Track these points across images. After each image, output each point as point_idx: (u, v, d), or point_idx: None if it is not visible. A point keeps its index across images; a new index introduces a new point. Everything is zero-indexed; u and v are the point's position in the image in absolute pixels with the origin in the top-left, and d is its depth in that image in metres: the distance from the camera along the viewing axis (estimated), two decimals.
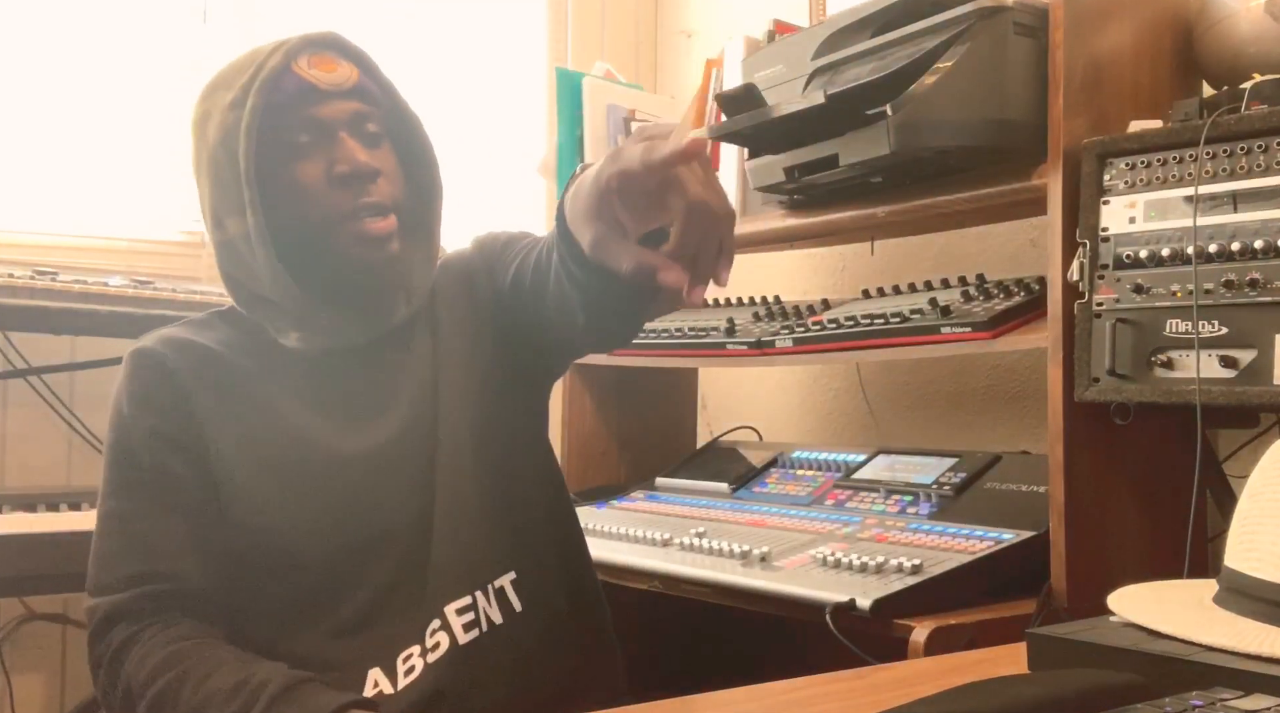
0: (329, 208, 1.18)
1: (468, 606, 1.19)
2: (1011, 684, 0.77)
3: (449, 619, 1.18)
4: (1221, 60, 1.53)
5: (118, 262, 2.28)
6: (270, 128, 1.17)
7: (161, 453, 1.19)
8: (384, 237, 1.20)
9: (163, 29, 2.38)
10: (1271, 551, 0.84)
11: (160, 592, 1.15)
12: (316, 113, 1.19)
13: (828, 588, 1.42)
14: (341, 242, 1.19)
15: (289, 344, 1.23)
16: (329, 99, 1.19)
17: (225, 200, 1.19)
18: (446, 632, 1.17)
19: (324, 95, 1.19)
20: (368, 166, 1.19)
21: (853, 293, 2.14)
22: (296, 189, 1.18)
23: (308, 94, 1.18)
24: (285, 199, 1.18)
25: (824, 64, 1.71)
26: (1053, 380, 1.44)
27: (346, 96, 1.20)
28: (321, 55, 1.21)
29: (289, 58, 1.18)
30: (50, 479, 2.26)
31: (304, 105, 1.18)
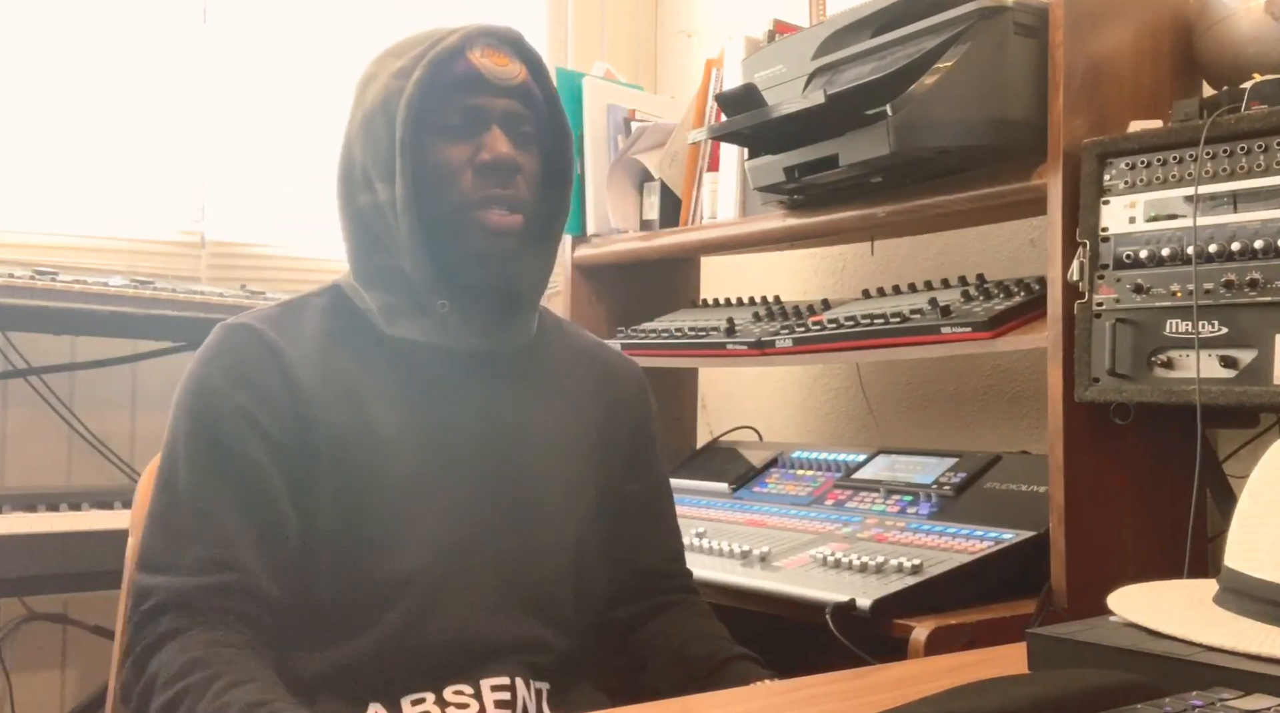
0: (464, 191, 1.19)
1: (506, 686, 1.16)
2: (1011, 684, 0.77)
3: (481, 690, 1.14)
4: (1221, 60, 1.53)
5: (118, 262, 2.28)
6: (429, 104, 1.18)
7: (249, 438, 1.13)
8: (507, 231, 1.20)
9: (163, 29, 2.38)
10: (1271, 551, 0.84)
11: (227, 584, 1.09)
12: (476, 101, 1.19)
13: (828, 588, 1.42)
14: (467, 227, 1.19)
15: (395, 333, 1.20)
16: (492, 91, 1.20)
17: (378, 163, 1.19)
18: (476, 700, 1.14)
19: (488, 86, 1.20)
20: (511, 160, 1.19)
21: (853, 293, 2.14)
22: (439, 167, 1.19)
23: (473, 81, 1.19)
24: (428, 175, 1.19)
25: (824, 64, 1.70)
26: (1053, 380, 1.44)
27: (509, 93, 1.21)
28: (497, 48, 1.21)
29: (465, 42, 1.19)
30: (50, 479, 2.26)
31: (467, 91, 1.19)
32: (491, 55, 1.21)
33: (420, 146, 1.19)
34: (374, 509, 1.15)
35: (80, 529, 1.79)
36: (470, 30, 1.20)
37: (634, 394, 1.37)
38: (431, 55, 1.18)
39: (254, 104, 2.47)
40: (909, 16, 1.58)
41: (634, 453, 1.35)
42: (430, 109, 1.18)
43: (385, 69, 1.21)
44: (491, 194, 1.19)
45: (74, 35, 2.29)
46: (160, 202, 2.38)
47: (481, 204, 1.19)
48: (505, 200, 1.19)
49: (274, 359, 1.16)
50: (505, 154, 1.19)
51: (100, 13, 2.32)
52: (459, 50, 1.19)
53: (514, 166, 1.20)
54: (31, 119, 2.25)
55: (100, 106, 2.31)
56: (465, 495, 1.19)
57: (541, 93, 1.25)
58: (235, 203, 2.45)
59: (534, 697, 1.17)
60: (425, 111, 1.18)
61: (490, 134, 1.19)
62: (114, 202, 2.32)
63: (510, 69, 1.21)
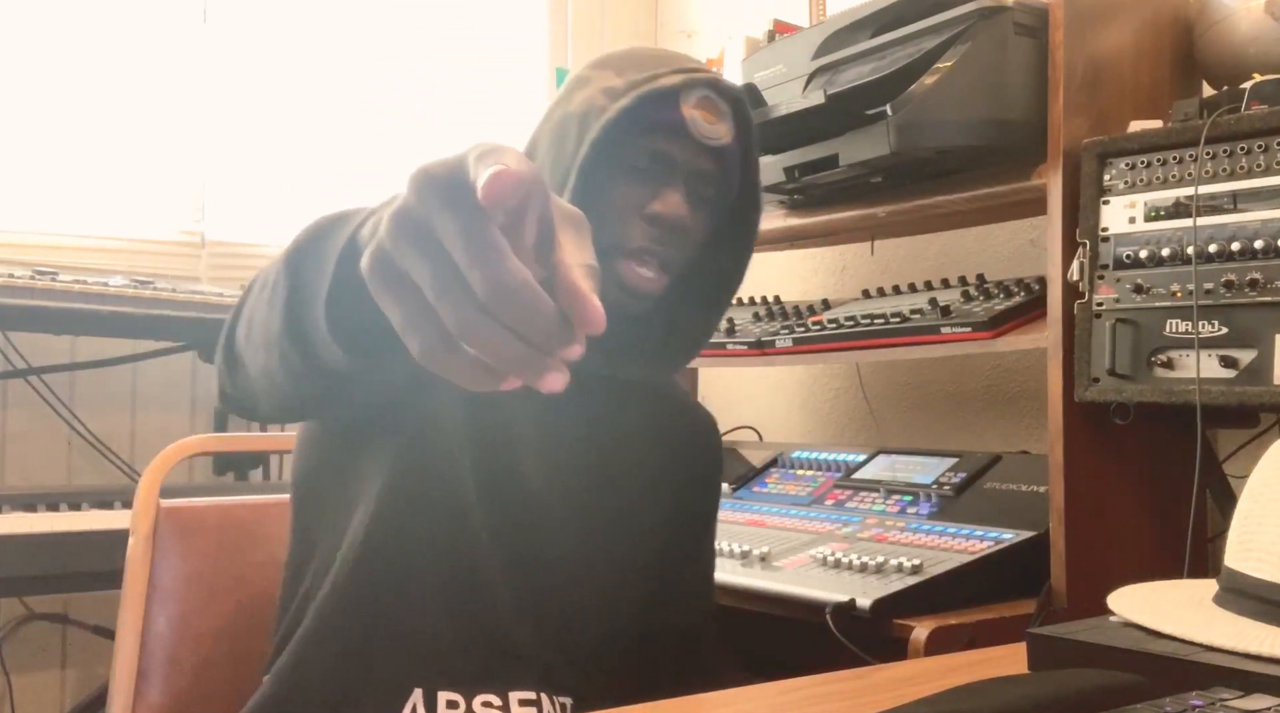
0: (621, 234, 1.13)
1: (533, 700, 1.14)
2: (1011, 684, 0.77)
3: (509, 702, 1.13)
4: (1221, 60, 1.53)
5: (118, 262, 2.28)
6: (624, 136, 1.12)
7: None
8: (646, 291, 1.14)
9: (163, 29, 2.38)
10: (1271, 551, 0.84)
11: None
12: (670, 149, 1.14)
13: (828, 588, 1.42)
14: (611, 270, 1.13)
15: None
16: (690, 146, 1.14)
17: (556, 166, 1.14)
18: (504, 711, 1.12)
19: (689, 141, 1.14)
20: (679, 219, 1.14)
21: (853, 293, 2.14)
22: (608, 201, 1.13)
23: (678, 131, 1.13)
24: (594, 204, 1.10)
25: (824, 64, 1.71)
26: (1053, 380, 1.44)
27: (706, 152, 1.15)
28: (712, 105, 1.15)
29: (685, 88, 1.13)
30: (50, 479, 2.26)
31: (664, 137, 1.14)
32: (705, 110, 1.14)
33: (597, 174, 1.12)
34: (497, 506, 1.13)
35: (80, 529, 1.79)
36: (694, 78, 1.14)
37: (712, 464, 1.34)
38: (648, 89, 1.12)
39: (254, 104, 2.48)
40: (909, 16, 1.59)
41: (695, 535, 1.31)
42: (622, 141, 1.12)
43: (599, 81, 1.15)
44: (647, 247, 1.13)
45: (74, 35, 2.29)
46: (160, 202, 2.38)
47: (633, 254, 1.13)
48: (658, 257, 1.14)
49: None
50: (681, 215, 1.14)
51: (100, 13, 2.32)
52: (674, 94, 1.13)
53: (684, 227, 1.15)
54: (32, 119, 2.25)
55: (100, 106, 2.31)
56: (569, 515, 1.18)
57: (741, 158, 1.19)
58: (235, 203, 2.45)
59: (559, 710, 1.17)
60: (616, 142, 1.12)
61: (673, 188, 1.14)
62: (114, 202, 2.33)
63: (718, 129, 1.15)
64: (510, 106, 2.85)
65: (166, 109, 2.38)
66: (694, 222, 1.16)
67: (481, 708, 1.12)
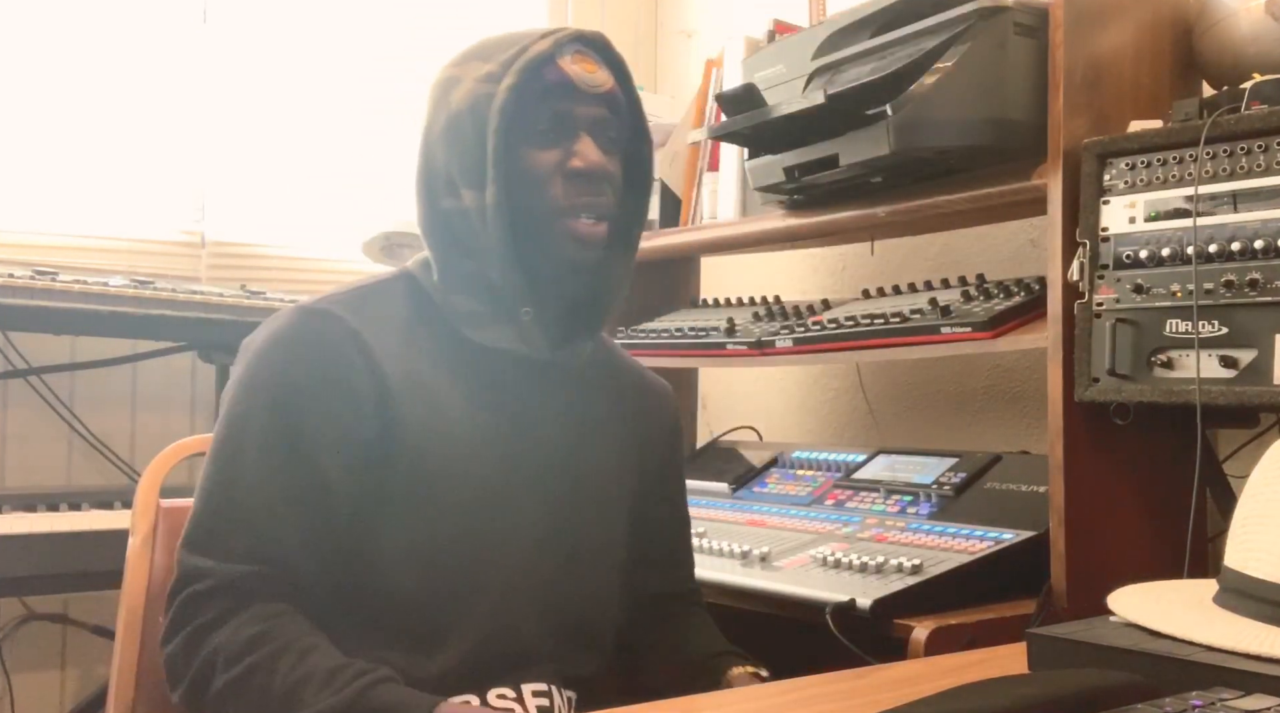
0: (553, 199, 1.18)
1: (545, 692, 1.17)
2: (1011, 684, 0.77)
3: (523, 694, 1.16)
4: (1221, 60, 1.53)
5: (118, 262, 2.28)
6: (520, 110, 1.17)
7: (330, 444, 1.11)
8: (595, 241, 1.19)
9: (163, 29, 2.38)
10: (1271, 551, 0.84)
11: (274, 576, 1.08)
12: (566, 107, 1.18)
13: (828, 588, 1.42)
14: (555, 235, 1.18)
15: (477, 339, 1.20)
16: (582, 99, 1.19)
17: (465, 169, 1.17)
18: (519, 703, 1.15)
19: (578, 93, 1.19)
20: (602, 168, 1.19)
21: (853, 293, 2.14)
22: (529, 174, 1.18)
23: (564, 89, 1.18)
24: (517, 182, 1.17)
25: (824, 64, 1.71)
26: (1053, 380, 1.44)
27: (597, 101, 1.20)
28: (586, 55, 1.21)
29: (557, 48, 1.18)
30: (50, 479, 2.26)
31: (557, 98, 1.18)
32: (581, 62, 1.20)
33: (511, 153, 1.17)
34: (439, 509, 1.14)
35: (80, 529, 1.79)
36: (561, 37, 1.20)
37: (671, 424, 1.40)
38: (523, 62, 1.17)
39: (254, 104, 2.48)
40: (909, 16, 1.58)
41: (664, 480, 1.37)
42: (521, 115, 1.17)
43: (470, 73, 1.19)
44: (581, 202, 1.18)
45: (74, 35, 2.29)
46: (160, 202, 2.38)
47: (571, 212, 1.18)
48: (593, 208, 1.19)
49: (360, 353, 1.12)
50: (597, 162, 1.18)
51: (100, 13, 2.32)
52: (550, 57, 1.18)
53: (604, 174, 1.19)
54: (32, 119, 2.25)
55: (100, 107, 2.32)
56: (526, 506, 1.19)
57: (626, 99, 1.25)
58: (235, 203, 2.45)
59: (566, 703, 1.19)
60: (516, 118, 1.17)
61: (580, 141, 1.19)
62: (114, 202, 2.33)
63: (599, 76, 1.21)
64: None
65: (166, 109, 2.38)
66: (611, 166, 1.21)
67: (496, 701, 1.14)
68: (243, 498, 1.10)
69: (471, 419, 1.18)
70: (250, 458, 1.10)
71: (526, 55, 1.17)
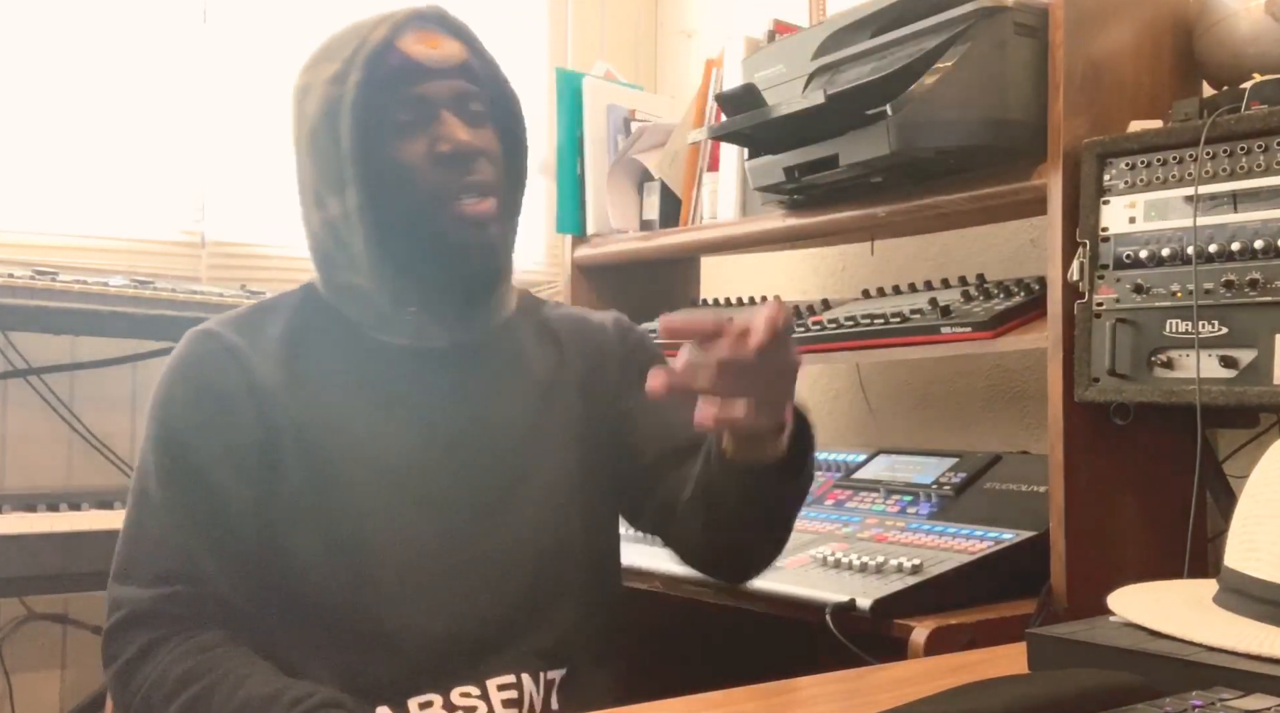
0: (430, 187, 1.15)
1: (512, 683, 1.14)
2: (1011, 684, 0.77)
3: (488, 690, 1.13)
4: (1221, 60, 1.53)
5: (118, 262, 2.27)
6: (373, 105, 1.14)
7: (213, 454, 1.12)
8: (484, 219, 1.16)
9: (163, 29, 2.38)
10: (1271, 551, 0.84)
11: (188, 595, 1.10)
12: (420, 90, 1.15)
13: (828, 588, 1.42)
14: (441, 223, 1.15)
15: (367, 335, 1.19)
16: (433, 77, 1.16)
17: (327, 178, 1.15)
18: (484, 701, 1.12)
19: (428, 73, 1.15)
20: (471, 146, 1.16)
21: (853, 293, 2.14)
22: (397, 168, 1.15)
23: (412, 71, 1.15)
24: (386, 178, 1.15)
25: (824, 64, 1.70)
26: (1053, 380, 1.44)
27: (451, 74, 1.17)
28: (427, 31, 1.17)
29: (394, 32, 1.15)
30: (50, 479, 2.26)
31: (407, 83, 1.15)
32: (424, 39, 1.16)
33: (372, 150, 1.14)
34: (345, 508, 1.13)
35: (80, 529, 1.79)
36: (396, 18, 1.16)
37: (614, 336, 1.34)
38: (364, 55, 1.14)
39: (254, 104, 2.47)
40: (909, 16, 1.58)
41: (624, 384, 1.29)
42: (374, 110, 1.14)
43: (318, 77, 1.17)
44: (460, 184, 1.15)
45: (74, 35, 2.29)
46: (160, 202, 2.38)
47: (452, 196, 1.15)
48: (475, 187, 1.16)
49: (235, 362, 1.15)
50: (464, 141, 1.15)
51: (100, 13, 2.32)
52: (389, 43, 1.14)
53: (475, 151, 1.16)
54: (32, 119, 2.25)
55: (100, 106, 2.31)
56: (439, 492, 1.16)
57: (482, 65, 1.21)
58: (235, 203, 2.45)
59: (543, 689, 1.16)
60: (370, 114, 1.14)
61: (442, 122, 1.15)
62: (114, 202, 2.32)
63: (446, 49, 1.17)
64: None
65: (166, 109, 2.38)
66: (482, 138, 1.18)
67: (460, 699, 1.12)
68: (150, 523, 1.12)
69: (369, 418, 1.16)
70: (152, 484, 1.13)
71: (366, 47, 1.14)
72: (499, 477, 1.20)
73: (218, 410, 1.14)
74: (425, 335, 1.19)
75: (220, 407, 1.14)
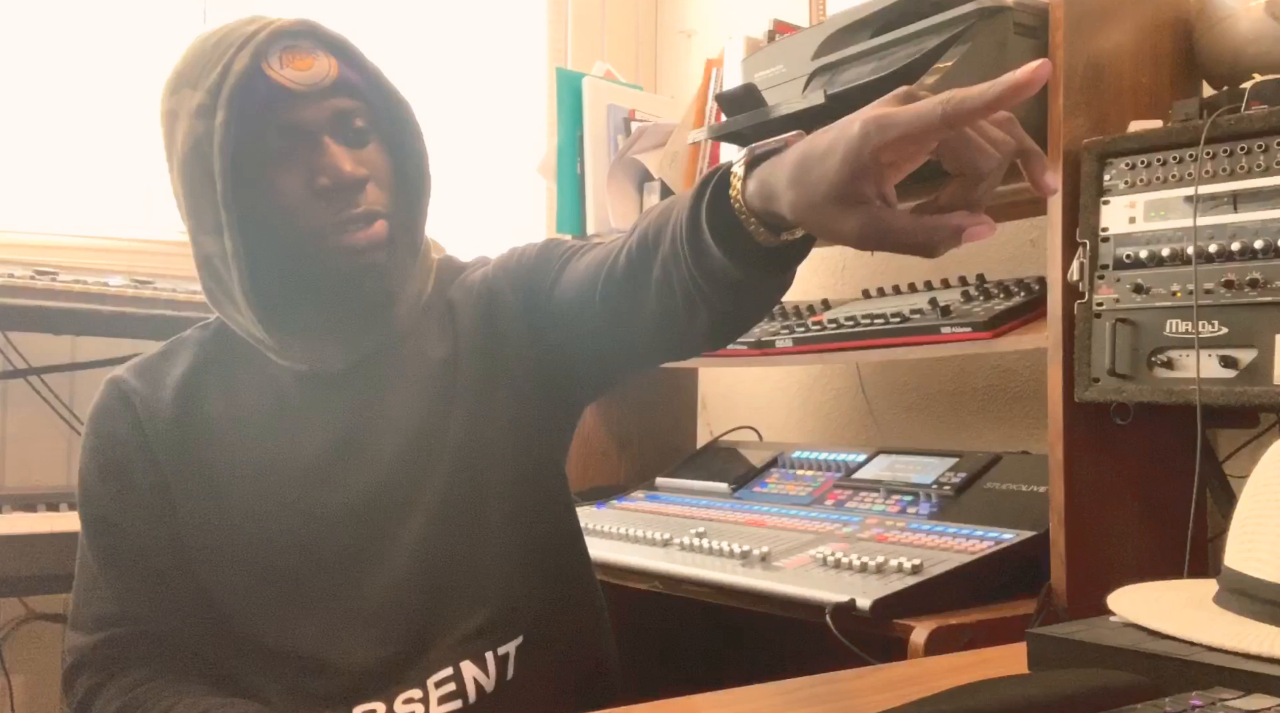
0: (311, 222, 1.08)
1: (450, 677, 1.11)
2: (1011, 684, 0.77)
3: (429, 691, 1.10)
4: (1221, 60, 1.53)
5: (118, 262, 2.28)
6: (244, 140, 1.06)
7: (117, 499, 1.15)
8: (372, 246, 1.09)
9: (163, 29, 2.38)
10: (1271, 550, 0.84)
11: (125, 636, 1.12)
12: (293, 117, 1.07)
13: (828, 588, 1.42)
14: (326, 256, 1.08)
15: (268, 363, 1.16)
16: (306, 100, 1.07)
17: (200, 217, 1.08)
18: (423, 703, 1.10)
19: (300, 98, 1.07)
20: (352, 177, 1.07)
21: (853, 293, 2.14)
22: (276, 203, 1.07)
23: (281, 99, 1.06)
24: (264, 214, 1.07)
25: (824, 64, 1.70)
26: (1053, 380, 1.44)
27: (326, 94, 1.08)
28: (294, 51, 1.07)
29: (258, 58, 1.05)
30: (50, 479, 2.26)
31: (279, 110, 1.06)
32: (292, 60, 1.07)
33: (248, 183, 1.07)
34: (248, 539, 1.13)
35: None
36: (259, 41, 1.06)
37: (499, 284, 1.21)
38: (229, 88, 1.04)
39: None
40: (909, 16, 1.58)
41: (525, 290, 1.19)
42: (248, 142, 1.06)
43: (185, 106, 1.09)
44: (344, 217, 1.07)
45: (74, 35, 2.29)
46: (160, 202, 2.38)
47: (337, 229, 1.08)
48: (360, 218, 1.08)
49: (128, 411, 1.17)
50: (346, 174, 1.07)
51: (100, 12, 2.32)
52: (255, 69, 1.05)
53: (358, 182, 1.08)
54: (32, 119, 2.25)
55: (101, 106, 2.31)
56: (339, 508, 1.13)
57: (361, 77, 1.11)
58: None
59: (496, 665, 1.12)
60: (240, 150, 1.06)
61: (322, 151, 1.07)
62: (114, 202, 2.32)
63: (318, 67, 1.08)
64: (510, 106, 2.85)
65: None
66: (368, 160, 1.10)
67: (402, 707, 1.10)
68: (84, 571, 1.16)
69: (263, 447, 1.14)
70: (82, 534, 1.17)
71: (229, 79, 1.05)
72: (396, 483, 1.14)
73: (115, 461, 1.16)
74: (320, 359, 1.14)
75: (116, 457, 1.16)
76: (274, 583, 1.13)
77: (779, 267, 0.93)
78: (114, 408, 1.18)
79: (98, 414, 1.19)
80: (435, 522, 1.14)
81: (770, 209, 0.85)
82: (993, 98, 0.75)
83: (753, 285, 0.94)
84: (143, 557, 1.14)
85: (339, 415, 1.15)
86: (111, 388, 1.20)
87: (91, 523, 1.16)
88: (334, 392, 1.16)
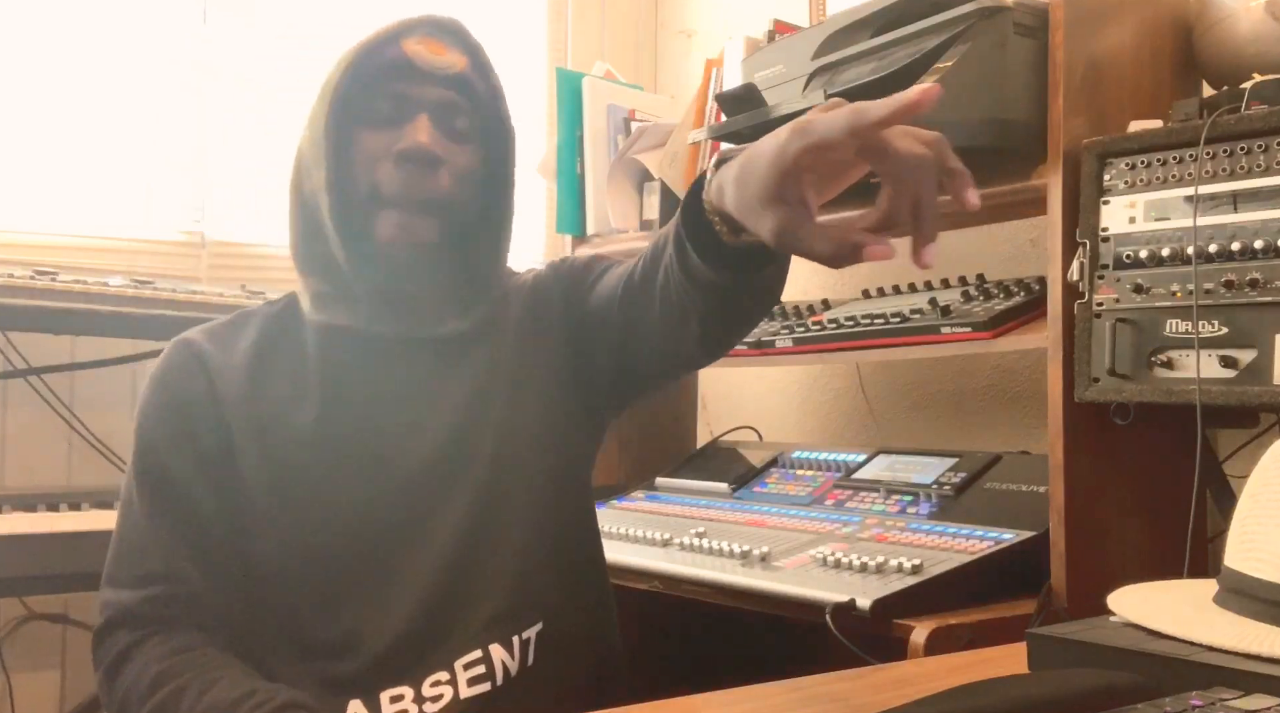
0: (380, 182, 1.15)
1: (479, 659, 1.13)
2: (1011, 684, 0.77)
3: (456, 673, 1.12)
4: (1221, 60, 1.53)
5: (118, 262, 2.28)
6: (357, 90, 1.15)
7: (184, 461, 1.15)
8: (415, 237, 1.15)
9: (163, 29, 2.38)
10: (1271, 550, 0.84)
11: (168, 595, 1.12)
12: (405, 89, 1.15)
13: (828, 588, 1.42)
14: (379, 224, 1.15)
15: (322, 319, 1.19)
16: (423, 79, 1.16)
17: (314, 150, 1.17)
18: (451, 685, 1.11)
19: (419, 74, 1.15)
20: (428, 151, 1.14)
21: (853, 293, 2.14)
22: (362, 155, 1.15)
23: (402, 68, 1.15)
24: (352, 163, 1.16)
25: (824, 64, 1.70)
26: (1053, 380, 1.44)
27: (444, 83, 1.16)
28: (435, 38, 1.17)
29: (402, 29, 1.16)
30: (50, 479, 2.26)
31: (395, 78, 1.15)
32: (428, 43, 1.16)
33: (346, 133, 1.16)
34: (301, 508, 1.14)
35: (80, 529, 1.79)
36: (411, 18, 1.17)
37: (546, 284, 1.29)
38: (366, 43, 1.16)
39: (254, 104, 2.47)
40: (909, 16, 1.58)
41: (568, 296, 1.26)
42: (357, 96, 1.15)
43: (336, 65, 1.20)
44: (406, 190, 1.14)
45: (74, 35, 2.29)
46: (160, 202, 2.38)
47: (392, 202, 1.15)
48: (419, 202, 1.15)
49: (202, 371, 1.18)
50: (423, 144, 1.14)
51: (100, 13, 2.32)
52: (393, 37, 1.15)
53: (432, 158, 1.15)
54: (31, 119, 2.25)
55: (100, 106, 2.31)
56: (426, 480, 1.16)
57: (485, 85, 1.20)
58: (235, 203, 2.45)
59: (519, 650, 1.14)
60: (352, 98, 1.15)
61: (414, 123, 1.15)
62: (114, 202, 2.32)
63: (447, 59, 1.16)
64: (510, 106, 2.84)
65: (166, 109, 2.38)
66: (448, 152, 1.17)
67: (430, 689, 1.12)
68: (133, 528, 1.16)
69: (312, 407, 1.17)
70: (134, 491, 1.16)
71: (373, 37, 1.16)
72: (448, 458, 1.17)
73: (185, 419, 1.17)
74: (377, 320, 1.19)
75: (187, 415, 1.17)
76: (320, 559, 1.14)
77: (749, 268, 0.99)
78: (188, 365, 1.18)
79: (168, 369, 1.19)
80: (475, 500, 1.17)
81: (722, 208, 0.92)
82: (888, 113, 0.83)
83: (728, 288, 0.99)
84: (197, 520, 1.15)
85: (400, 391, 1.19)
86: (183, 346, 1.20)
87: (147, 474, 1.16)
88: (396, 368, 1.19)
